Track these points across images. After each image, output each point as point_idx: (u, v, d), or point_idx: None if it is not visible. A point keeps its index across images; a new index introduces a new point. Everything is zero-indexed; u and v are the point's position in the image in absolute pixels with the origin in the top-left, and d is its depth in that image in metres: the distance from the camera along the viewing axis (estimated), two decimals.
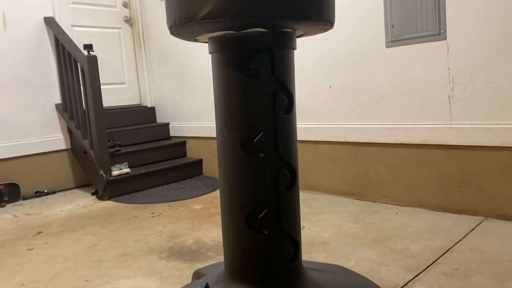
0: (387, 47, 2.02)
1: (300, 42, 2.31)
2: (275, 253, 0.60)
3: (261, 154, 0.60)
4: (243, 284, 0.61)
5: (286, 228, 0.61)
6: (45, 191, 2.79)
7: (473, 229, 1.67)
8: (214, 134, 2.98)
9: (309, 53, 2.32)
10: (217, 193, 2.58)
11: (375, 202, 2.15)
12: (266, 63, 0.67)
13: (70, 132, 2.91)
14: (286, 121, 0.61)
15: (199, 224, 2.00)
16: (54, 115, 2.90)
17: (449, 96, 1.85)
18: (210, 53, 0.78)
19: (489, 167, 1.78)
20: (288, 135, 0.62)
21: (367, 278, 0.68)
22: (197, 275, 0.77)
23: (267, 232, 0.60)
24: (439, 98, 1.88)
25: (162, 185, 2.85)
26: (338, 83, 2.23)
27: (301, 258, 0.64)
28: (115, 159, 2.75)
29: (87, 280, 1.45)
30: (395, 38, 1.98)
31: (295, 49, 0.77)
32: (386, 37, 2.01)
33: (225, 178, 0.63)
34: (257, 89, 0.64)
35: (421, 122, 1.96)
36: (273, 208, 0.60)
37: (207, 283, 0.63)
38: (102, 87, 2.58)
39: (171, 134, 3.31)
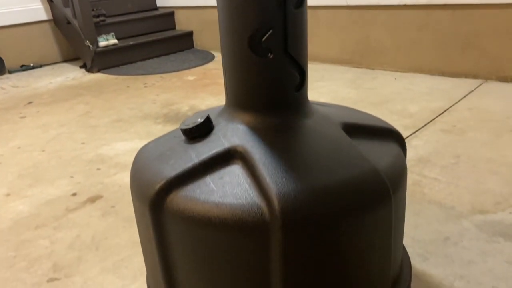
0: None
1: None
2: (280, 80, 0.56)
3: None
4: (247, 114, 0.58)
5: (292, 53, 0.56)
6: (31, 64, 2.68)
7: (472, 91, 1.64)
8: (204, 3, 2.78)
9: None
10: (210, 65, 2.50)
11: (373, 69, 2.09)
12: None
13: (50, 0, 2.70)
14: None
15: (194, 93, 1.96)
16: None
17: None
18: None
19: (495, 27, 1.69)
20: None
21: (373, 115, 0.65)
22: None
23: (272, 56, 0.54)
24: None
25: (152, 57, 2.74)
26: None
27: (307, 87, 0.60)
28: (101, 30, 2.60)
29: (84, 143, 1.44)
30: None
31: None
32: None
33: None
34: None
35: None
36: (278, 29, 0.54)
37: (208, 115, 0.59)
38: None
39: (158, 4, 3.10)
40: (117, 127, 1.57)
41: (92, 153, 1.35)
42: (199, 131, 0.57)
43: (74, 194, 1.10)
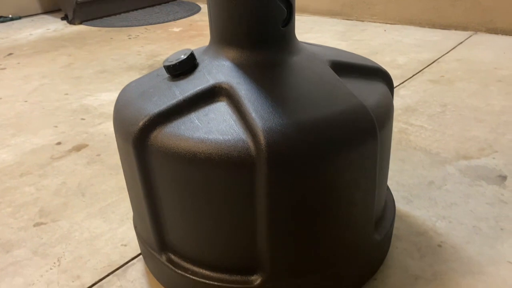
0: None
1: None
2: (266, 14, 0.54)
3: None
4: (232, 50, 0.56)
5: None
6: (10, 16, 2.57)
7: (462, 42, 1.63)
8: None
9: None
10: (196, 17, 2.42)
11: (363, 21, 2.06)
12: None
13: None
14: None
15: (179, 45, 1.91)
16: None
17: None
18: None
19: None
20: None
21: (361, 55, 0.63)
22: None
23: None
24: None
25: (136, 9, 2.65)
26: None
27: (294, 24, 0.58)
28: None
29: (67, 94, 1.41)
30: None
31: None
32: None
33: None
34: None
35: None
36: None
37: (192, 51, 0.57)
38: None
39: None
40: (101, 78, 1.54)
41: (76, 104, 1.32)
42: (183, 68, 0.56)
43: (59, 143, 1.08)
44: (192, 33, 2.10)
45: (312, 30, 1.98)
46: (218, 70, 0.55)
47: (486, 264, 0.64)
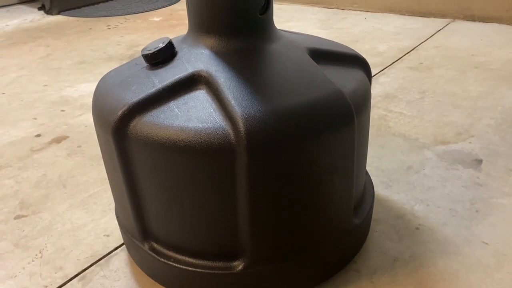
0: None
1: None
2: (244, 1, 0.54)
3: None
4: (211, 38, 0.57)
5: None
6: None
7: (440, 30, 1.65)
8: None
9: None
10: (176, 6, 2.40)
11: (344, 9, 2.06)
12: None
13: None
14: None
15: (160, 34, 1.89)
16: None
17: None
18: None
19: None
20: None
21: (340, 43, 0.64)
22: None
23: None
24: None
25: None
26: None
27: (272, 12, 0.58)
28: None
29: (46, 85, 1.38)
30: None
31: None
32: None
33: None
34: None
35: None
36: None
37: (170, 39, 0.57)
38: None
39: None
40: (80, 68, 1.52)
41: (55, 95, 1.30)
42: (161, 56, 0.56)
43: (38, 135, 1.07)
44: (173, 22, 2.08)
45: (293, 19, 1.98)
46: (197, 58, 0.55)
47: (461, 245, 0.66)
